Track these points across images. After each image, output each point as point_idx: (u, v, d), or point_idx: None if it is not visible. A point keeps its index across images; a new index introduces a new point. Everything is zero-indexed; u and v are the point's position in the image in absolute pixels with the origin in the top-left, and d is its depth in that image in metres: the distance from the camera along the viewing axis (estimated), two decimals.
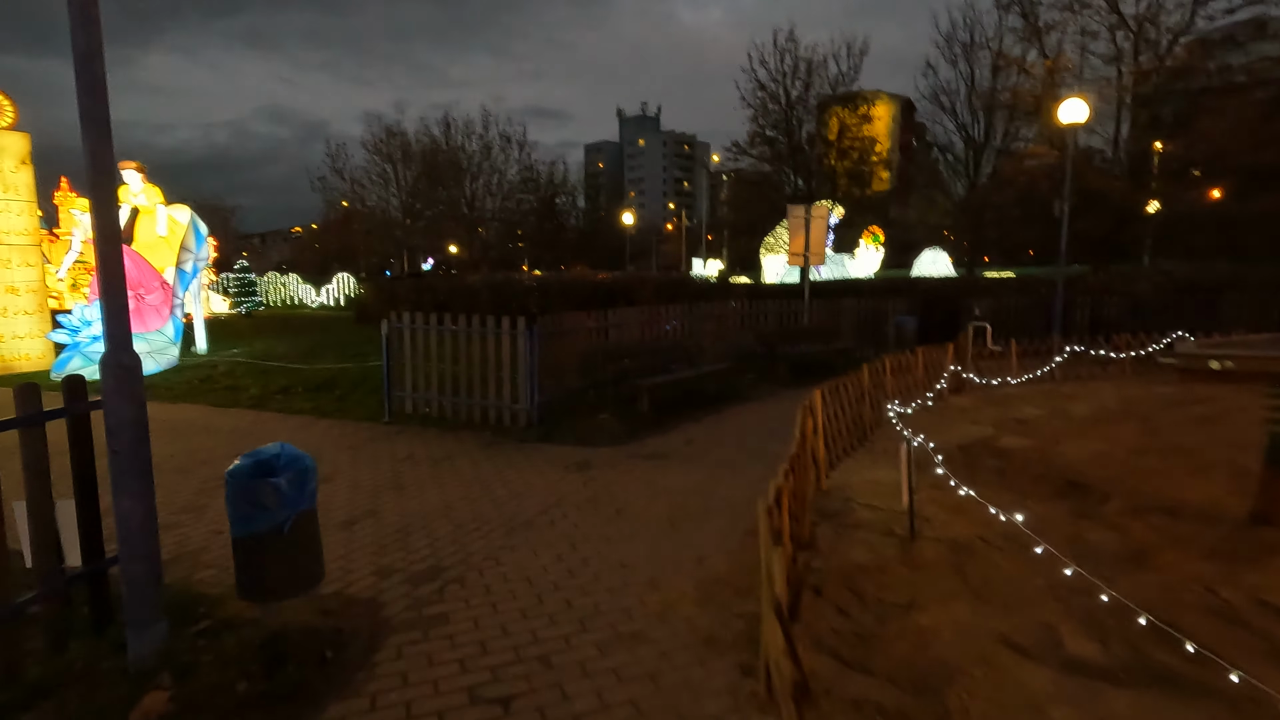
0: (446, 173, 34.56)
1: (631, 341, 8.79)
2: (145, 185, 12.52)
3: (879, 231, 34.14)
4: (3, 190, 11.90)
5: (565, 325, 7.73)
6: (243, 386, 9.96)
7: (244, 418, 8.12)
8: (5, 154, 11.92)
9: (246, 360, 12.74)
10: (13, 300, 12.07)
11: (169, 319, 12.34)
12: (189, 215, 13.27)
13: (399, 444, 6.82)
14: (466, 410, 7.44)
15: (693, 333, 10.00)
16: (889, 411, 6.17)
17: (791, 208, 13.26)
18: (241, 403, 8.92)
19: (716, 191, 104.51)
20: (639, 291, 16.17)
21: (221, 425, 7.71)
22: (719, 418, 7.89)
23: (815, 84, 24.72)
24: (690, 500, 5.09)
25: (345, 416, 8.05)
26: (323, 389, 9.70)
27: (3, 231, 11.94)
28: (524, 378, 7.05)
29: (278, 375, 10.80)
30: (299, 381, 10.20)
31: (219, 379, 10.71)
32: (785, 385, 9.84)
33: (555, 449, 6.53)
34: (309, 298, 35.00)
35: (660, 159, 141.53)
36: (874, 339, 12.21)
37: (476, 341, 7.36)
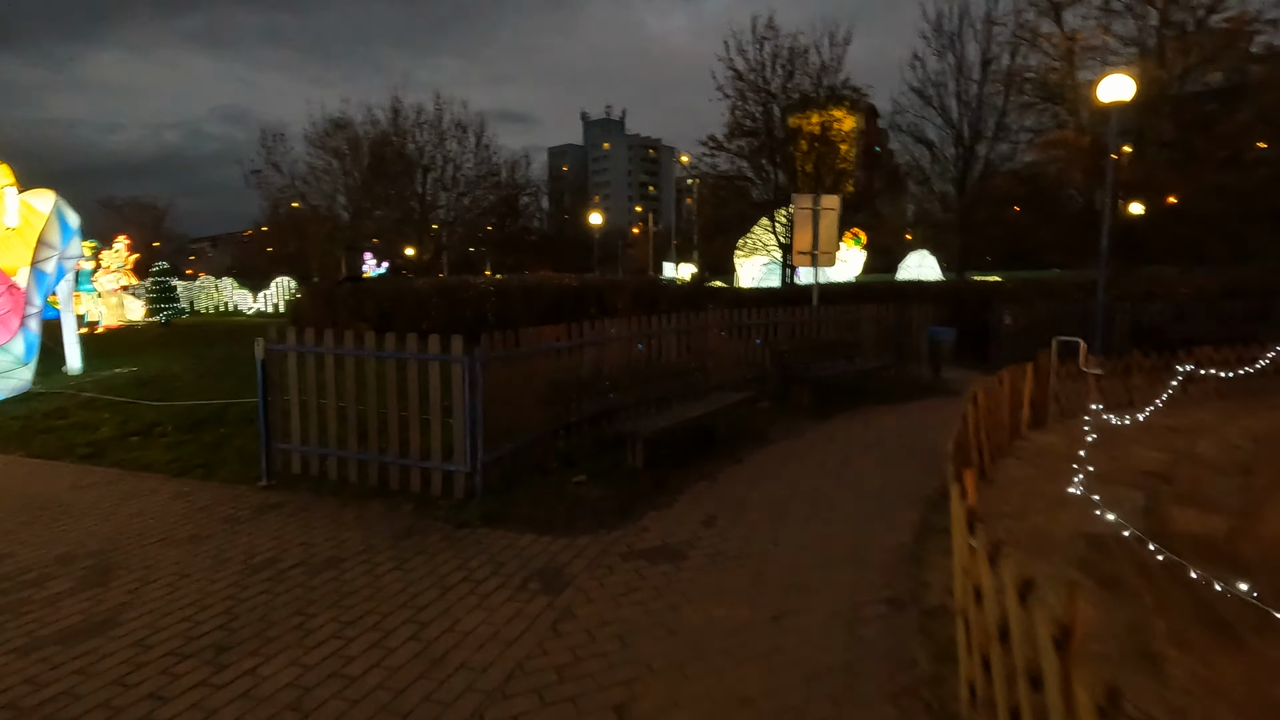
0: (396, 165, 31.63)
1: (616, 366, 6.55)
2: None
3: (861, 233, 32.60)
4: None
5: (524, 346, 5.38)
6: (92, 424, 7.45)
7: (58, 478, 5.65)
8: None
9: (123, 385, 10.13)
10: None
11: (18, 332, 9.66)
12: (51, 203, 10.60)
13: (268, 528, 4.48)
14: (379, 472, 5.10)
15: (693, 351, 7.81)
16: None
17: (797, 198, 11.24)
18: (75, 451, 6.43)
19: (683, 195, 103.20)
20: (613, 297, 13.97)
21: (8, 492, 5.26)
22: (740, 472, 5.71)
23: (797, 74, 22.89)
24: (743, 660, 2.89)
25: (211, 475, 5.65)
26: (198, 429, 7.24)
27: None
28: (461, 425, 4.76)
29: (146, 409, 8.28)
30: (172, 418, 7.71)
31: (70, 412, 8.15)
32: (809, 417, 7.72)
33: (506, 540, 4.25)
34: (245, 304, 31.90)
35: (625, 163, 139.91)
36: (901, 353, 10.21)
37: (392, 372, 5.03)
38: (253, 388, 5.57)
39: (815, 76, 22.88)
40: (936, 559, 3.83)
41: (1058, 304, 12.35)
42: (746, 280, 33.44)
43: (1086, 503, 4.66)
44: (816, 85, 22.88)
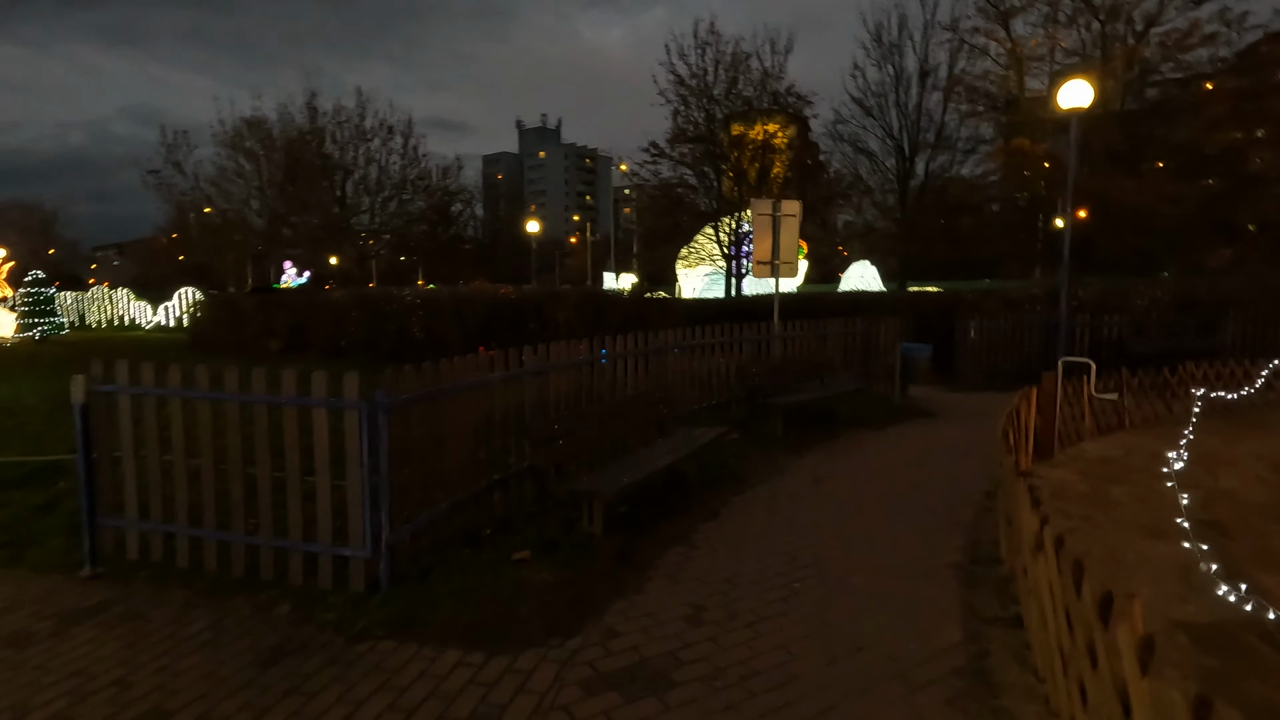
0: (313, 167, 29.30)
1: (564, 397, 5.37)
2: None
3: (803, 244, 32.47)
4: None
5: (446, 382, 4.11)
6: None
7: None
8: None
9: None
10: None
11: None
12: None
13: (73, 651, 3.13)
14: (247, 556, 3.76)
15: (652, 375, 6.70)
16: None
17: (756, 203, 10.36)
18: None
19: (620, 205, 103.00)
20: (554, 310, 12.77)
21: None
22: (720, 531, 4.64)
23: (740, 81, 22.33)
24: None
25: (20, 556, 4.17)
26: (27, 485, 5.66)
27: None
28: (359, 496, 3.50)
29: None
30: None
31: None
32: (784, 449, 6.75)
33: (420, 663, 3.03)
34: (144, 317, 28.95)
35: (562, 171, 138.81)
36: (869, 372, 9.44)
37: (264, 420, 3.71)
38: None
39: (758, 84, 22.41)
40: (1011, 671, 2.86)
41: (1018, 316, 11.94)
42: (688, 290, 32.75)
43: (1155, 570, 3.82)
44: (760, 92, 22.40)
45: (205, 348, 17.53)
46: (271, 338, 16.27)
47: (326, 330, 15.19)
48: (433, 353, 14.00)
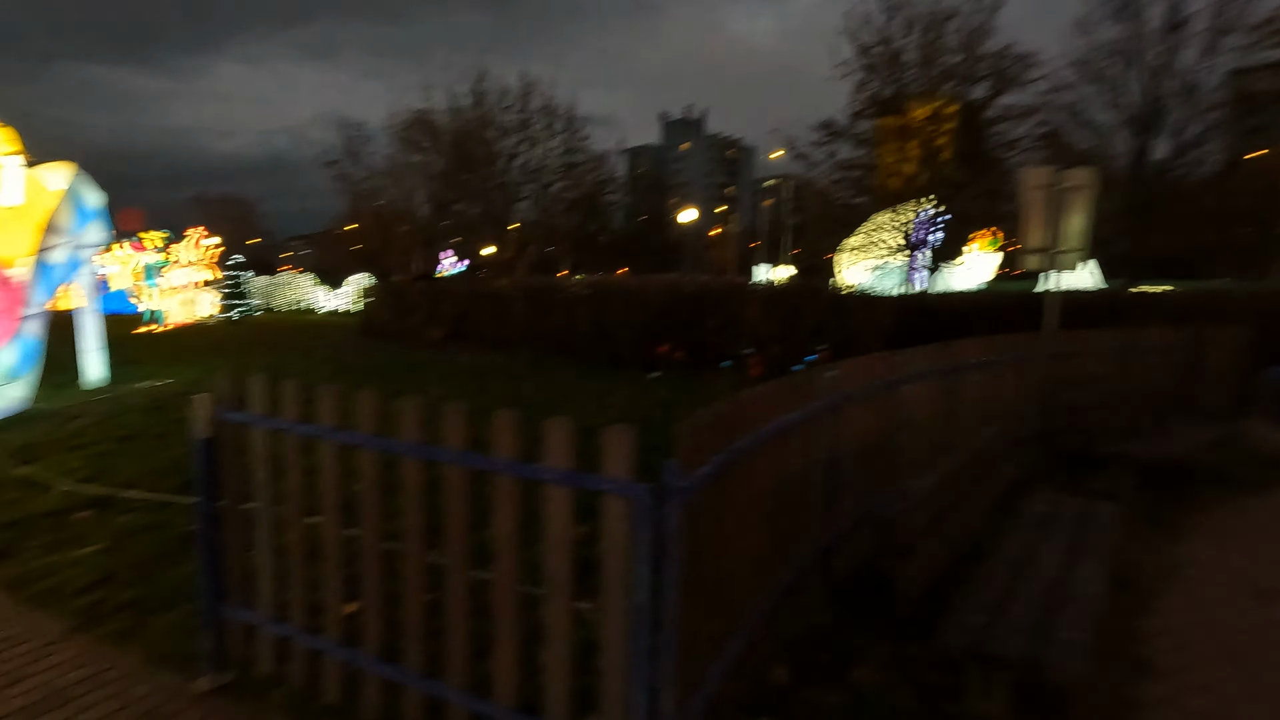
0: (478, 153, 29.51)
1: (873, 439, 3.56)
2: None
3: (998, 233, 28.40)
4: None
5: (763, 429, 2.36)
6: (39, 483, 5.14)
7: None
8: None
9: (134, 409, 7.99)
10: None
11: (11, 338, 7.65)
12: (68, 179, 8.62)
13: None
14: (426, 711, 2.33)
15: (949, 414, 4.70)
16: None
17: (1029, 173, 8.01)
18: None
19: (761, 196, 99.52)
20: (740, 305, 11.03)
21: None
22: None
23: (940, 45, 19.30)
24: None
25: (134, 633, 3.09)
26: (170, 505, 4.81)
27: None
28: (619, 640, 1.93)
29: (126, 460, 5.96)
30: (149, 477, 5.34)
31: (38, 452, 5.95)
32: (1147, 523, 4.56)
33: None
34: (321, 302, 30.80)
35: (704, 163, 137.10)
36: (1197, 402, 6.83)
37: (460, 487, 2.24)
38: None
39: (961, 48, 19.26)
40: None
41: None
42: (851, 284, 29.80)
43: None
44: (964, 57, 19.24)
45: (374, 334, 17.63)
46: (434, 326, 15.93)
47: (489, 320, 14.50)
48: (600, 348, 12.87)
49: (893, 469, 4.00)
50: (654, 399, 8.46)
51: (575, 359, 12.09)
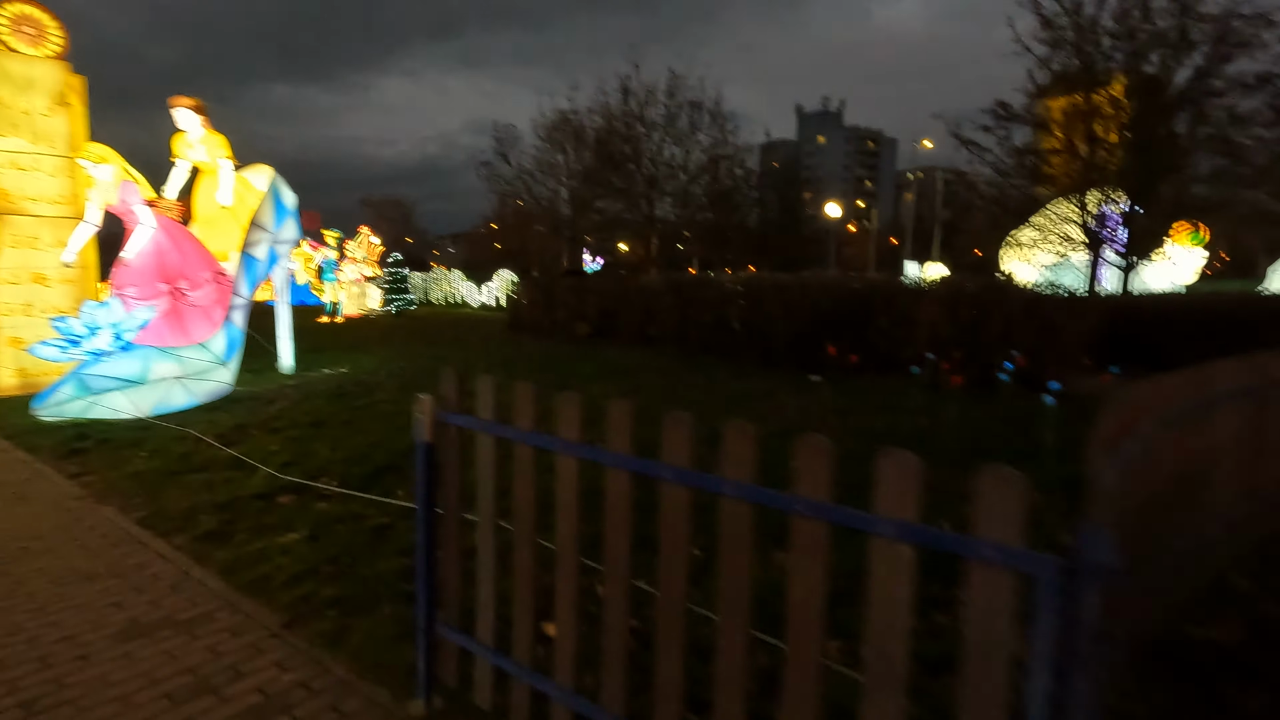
0: (621, 151, 29.70)
1: None
2: (207, 133, 8.68)
3: (1203, 229, 24.62)
4: (30, 138, 8.53)
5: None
6: (243, 469, 5.40)
7: (139, 595, 3.34)
8: (34, 90, 8.54)
9: (320, 396, 8.46)
10: (40, 293, 8.71)
11: (222, 326, 8.35)
12: (268, 180, 9.32)
13: None
14: None
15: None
16: None
17: None
18: (198, 521, 4.26)
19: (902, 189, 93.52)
20: (913, 304, 10.01)
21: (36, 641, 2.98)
22: None
23: (1149, 6, 16.78)
24: None
25: (343, 637, 2.97)
26: (369, 486, 4.85)
27: (28, 198, 8.59)
28: None
29: (322, 445, 6.18)
30: (345, 463, 5.48)
31: (238, 437, 6.35)
32: None
33: None
34: (471, 296, 32.46)
35: (841, 156, 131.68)
36: None
37: (739, 528, 1.80)
38: None
39: (1177, 9, 16.62)
40: None
41: None
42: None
43: None
44: (1179, 21, 16.60)
45: (521, 328, 18.11)
46: (581, 322, 16.05)
47: (635, 317, 14.34)
48: (752, 347, 12.30)
49: (1195, 516, 3.16)
50: (825, 405, 7.78)
51: (725, 358, 11.60)
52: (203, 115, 8.61)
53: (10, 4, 8.42)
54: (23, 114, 8.44)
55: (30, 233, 8.60)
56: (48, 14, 8.73)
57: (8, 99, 8.33)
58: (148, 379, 7.45)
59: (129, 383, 7.32)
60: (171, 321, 7.85)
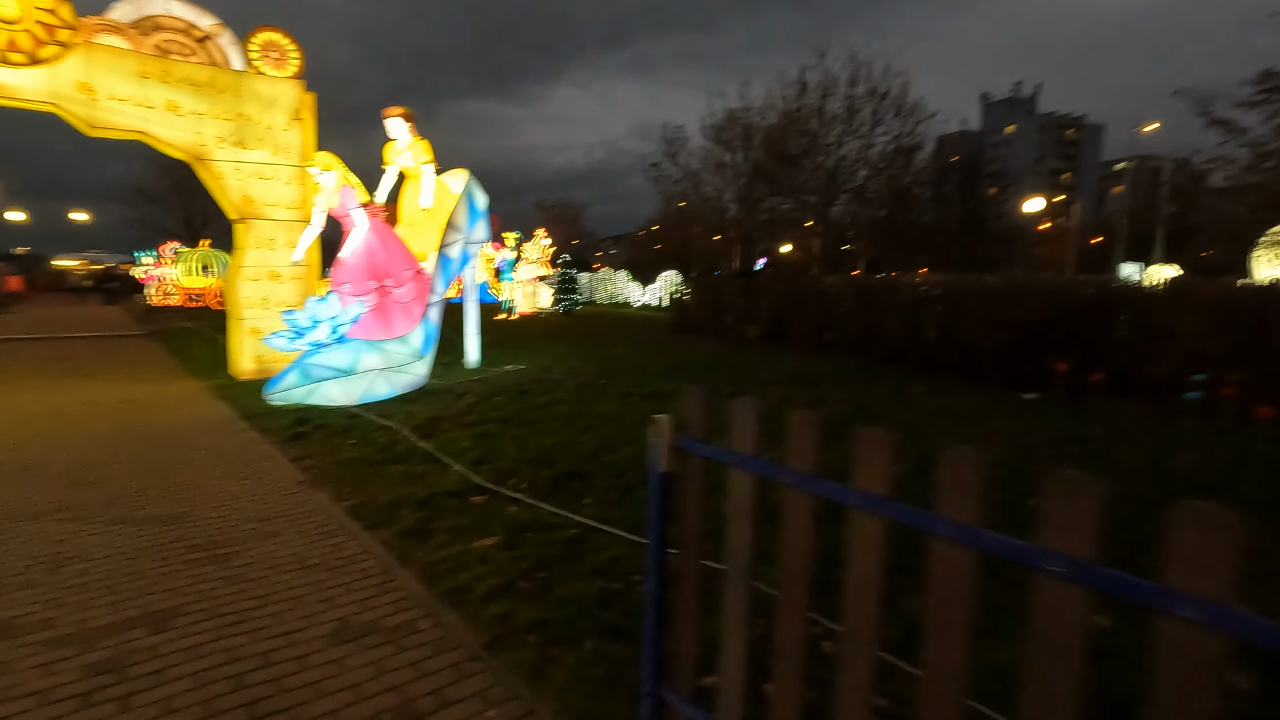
0: (794, 148, 28.41)
1: None
2: (413, 140, 9.23)
3: None
4: (272, 150, 9.56)
5: None
6: (437, 465, 5.49)
7: (338, 601, 3.35)
8: (276, 107, 9.55)
9: (504, 391, 8.66)
10: (274, 289, 9.75)
11: (420, 322, 8.83)
12: (463, 183, 9.74)
13: None
14: None
15: None
16: None
17: None
18: (399, 516, 4.31)
19: (1109, 181, 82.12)
20: (1162, 311, 8.32)
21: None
22: None
23: None
24: None
25: (549, 669, 2.72)
26: (558, 489, 4.68)
27: (268, 204, 9.64)
28: None
29: (508, 441, 6.18)
30: (534, 463, 5.39)
31: (433, 430, 6.56)
32: None
33: None
34: (634, 297, 32.99)
35: (1034, 147, 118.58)
36: None
37: (1070, 616, 1.29)
38: (627, 425, 2.42)
39: None
40: None
41: None
42: None
43: None
44: None
45: (687, 329, 17.87)
46: (750, 325, 15.47)
47: (811, 321, 13.49)
48: (948, 358, 11.02)
49: None
50: (1058, 432, 6.59)
51: (916, 369, 10.46)
52: (410, 123, 9.16)
53: (259, 32, 9.50)
54: (266, 129, 9.48)
55: (268, 235, 9.65)
56: (289, 38, 9.74)
57: (254, 116, 9.39)
58: (357, 370, 8.00)
59: (341, 372, 7.90)
60: (378, 316, 8.40)
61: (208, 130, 9.07)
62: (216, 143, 9.15)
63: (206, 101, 9.01)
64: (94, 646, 2.81)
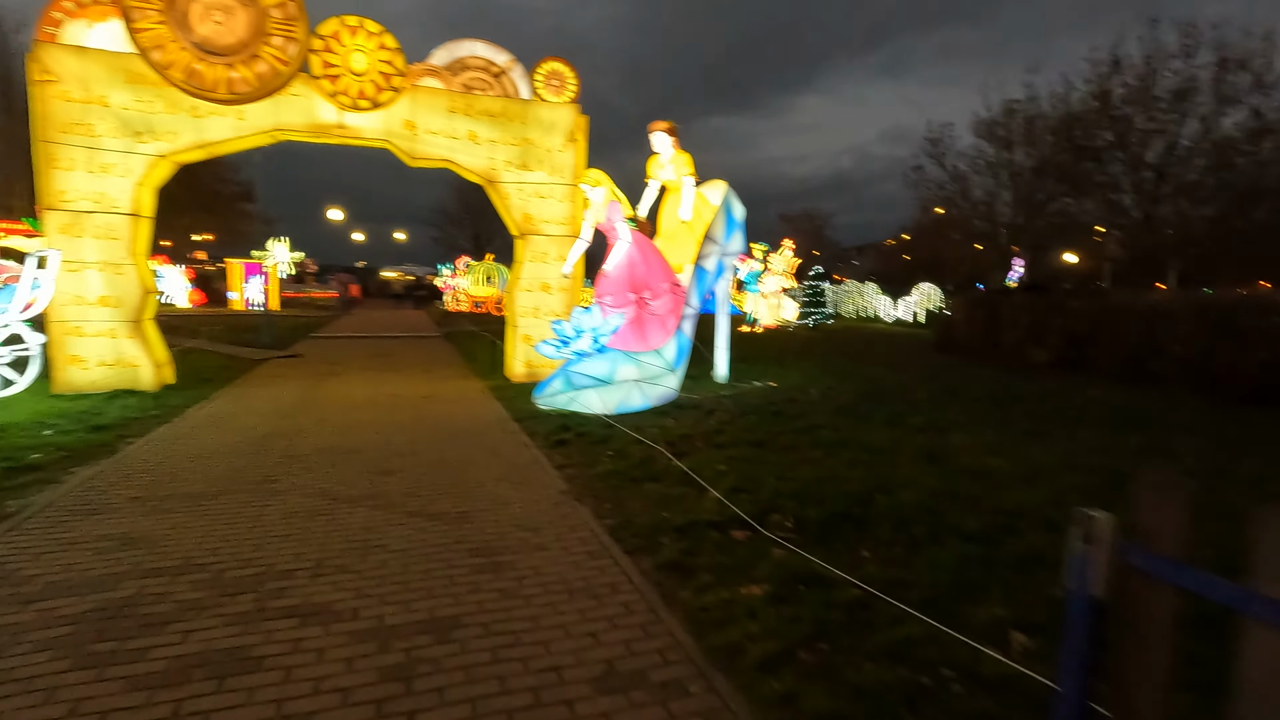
0: (1101, 137, 23.66)
1: None
2: (675, 153, 9.26)
3: None
4: (549, 171, 10.30)
5: None
6: (692, 487, 5.20)
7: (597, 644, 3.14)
8: (555, 130, 10.27)
9: (756, 409, 8.23)
10: (544, 299, 10.49)
11: (674, 334, 8.80)
12: (722, 194, 9.55)
13: None
14: None
15: None
16: None
17: None
18: (659, 546, 4.07)
19: None
20: None
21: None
22: None
23: None
24: None
25: None
26: (826, 536, 4.08)
27: (543, 220, 10.39)
28: None
29: (767, 471, 5.70)
30: (794, 498, 4.85)
31: (690, 448, 6.33)
32: None
33: None
34: (885, 311, 30.63)
35: None
36: None
37: None
38: (901, 461, 1.79)
39: None
40: None
41: None
42: None
43: None
44: None
45: (953, 349, 15.91)
46: (1038, 348, 13.19)
47: (1124, 345, 11.03)
48: None
49: None
50: None
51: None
52: (674, 136, 9.21)
53: (545, 63, 10.29)
54: (545, 151, 10.23)
55: (541, 249, 10.39)
56: (569, 67, 10.42)
57: (536, 139, 10.18)
58: (614, 380, 8.17)
59: (600, 381, 8.12)
60: (635, 328, 8.52)
61: (498, 155, 10.03)
62: (505, 166, 10.08)
63: (499, 129, 9.97)
64: (390, 647, 2.90)
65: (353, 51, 9.02)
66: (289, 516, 4.40)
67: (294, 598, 3.31)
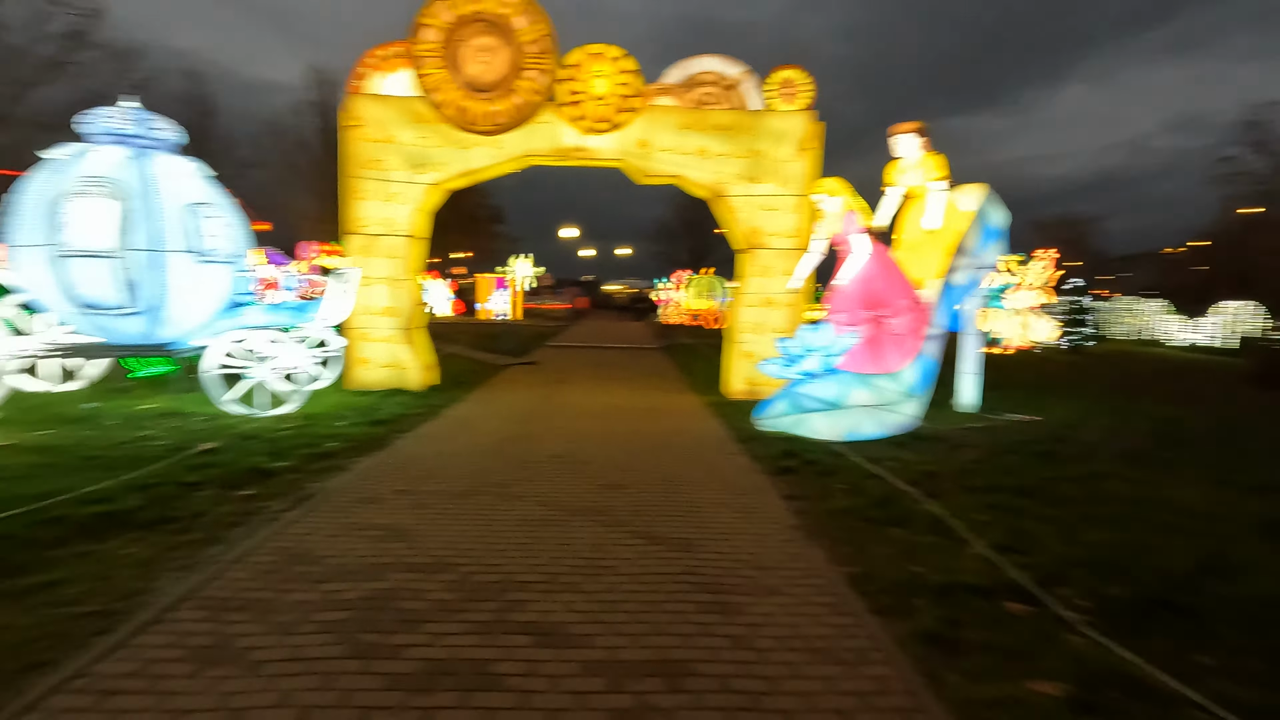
0: None
1: None
2: (924, 155, 8.37)
3: None
4: (778, 183, 9.95)
5: None
6: (960, 527, 4.45)
7: None
8: (785, 140, 9.89)
9: (1017, 446, 7.06)
10: (767, 315, 10.14)
11: (915, 357, 7.92)
12: (978, 200, 8.43)
13: None
14: None
15: None
16: None
17: None
18: (882, 596, 3.48)
19: None
20: None
21: None
22: None
23: None
24: None
25: None
26: (1136, 615, 3.17)
27: (770, 233, 10.05)
28: None
29: (1048, 521, 4.73)
30: (1086, 561, 3.91)
31: (929, 481, 5.54)
32: None
33: None
34: (1174, 333, 25.41)
35: None
36: None
37: None
38: (1237, 534, 1.13)
39: None
40: None
41: None
42: None
43: None
44: None
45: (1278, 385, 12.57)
46: None
47: None
48: None
49: None
50: None
51: None
52: (924, 137, 8.33)
53: (779, 71, 9.95)
54: (774, 162, 9.88)
55: (766, 263, 10.04)
56: (803, 73, 9.98)
57: (766, 151, 9.87)
58: (843, 404, 7.53)
59: (828, 405, 7.53)
60: (870, 349, 7.79)
61: (727, 169, 9.90)
62: (733, 180, 9.91)
63: (729, 143, 9.84)
64: (620, 686, 2.74)
65: (594, 77, 9.48)
66: (524, 523, 4.55)
67: (530, 613, 3.32)
